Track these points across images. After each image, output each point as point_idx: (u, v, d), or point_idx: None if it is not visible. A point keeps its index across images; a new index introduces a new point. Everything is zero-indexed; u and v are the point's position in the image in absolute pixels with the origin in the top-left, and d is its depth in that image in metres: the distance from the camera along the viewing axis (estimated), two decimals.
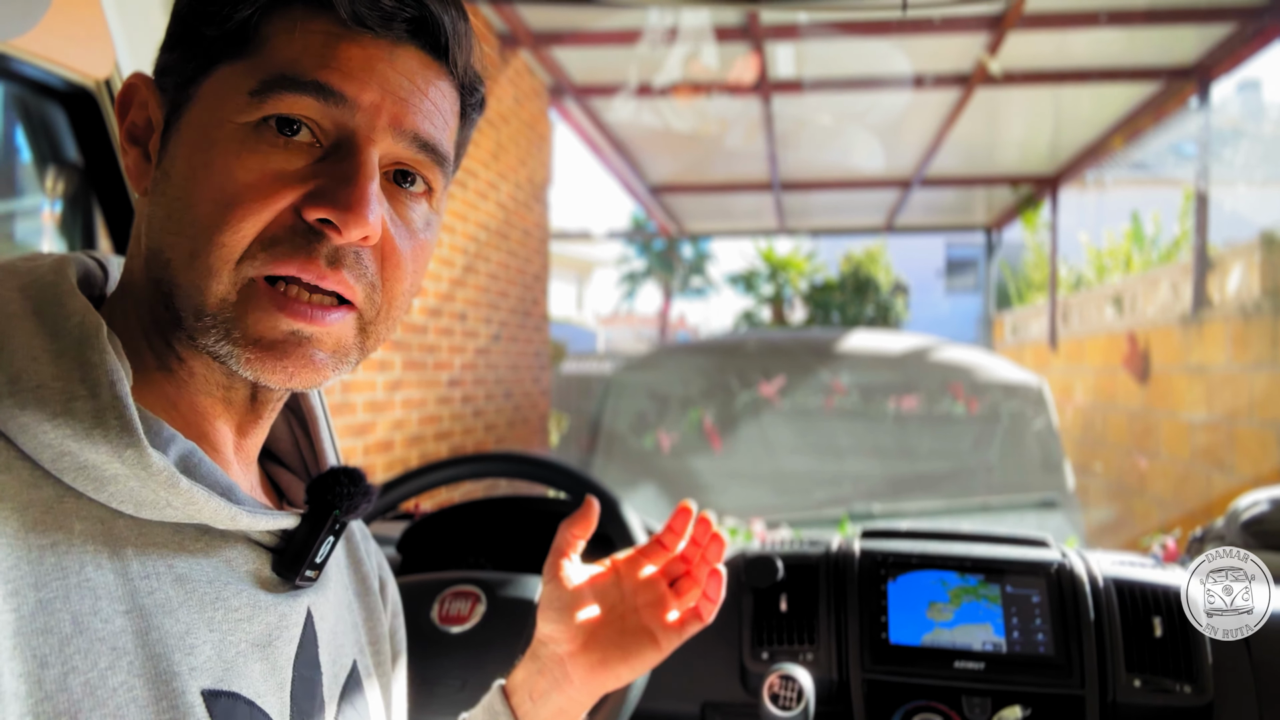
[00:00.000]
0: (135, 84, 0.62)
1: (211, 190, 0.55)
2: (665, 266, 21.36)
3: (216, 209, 0.55)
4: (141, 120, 0.62)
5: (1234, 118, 8.77)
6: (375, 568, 0.82)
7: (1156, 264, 8.39)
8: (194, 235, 0.55)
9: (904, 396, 3.97)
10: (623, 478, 4.02)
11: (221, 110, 0.56)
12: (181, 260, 0.56)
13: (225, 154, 0.55)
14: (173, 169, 0.58)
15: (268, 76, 0.56)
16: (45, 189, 1.65)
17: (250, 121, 0.56)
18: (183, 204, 0.56)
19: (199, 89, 0.58)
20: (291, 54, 0.56)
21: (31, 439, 0.50)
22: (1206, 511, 5.02)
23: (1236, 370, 5.06)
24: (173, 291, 0.57)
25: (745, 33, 5.03)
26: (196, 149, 0.57)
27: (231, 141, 0.56)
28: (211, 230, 0.55)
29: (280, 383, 0.58)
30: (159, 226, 0.58)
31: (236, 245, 0.55)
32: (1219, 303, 5.50)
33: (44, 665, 0.47)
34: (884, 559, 1.27)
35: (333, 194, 0.56)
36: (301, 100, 0.56)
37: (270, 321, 0.56)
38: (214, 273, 0.55)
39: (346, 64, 0.57)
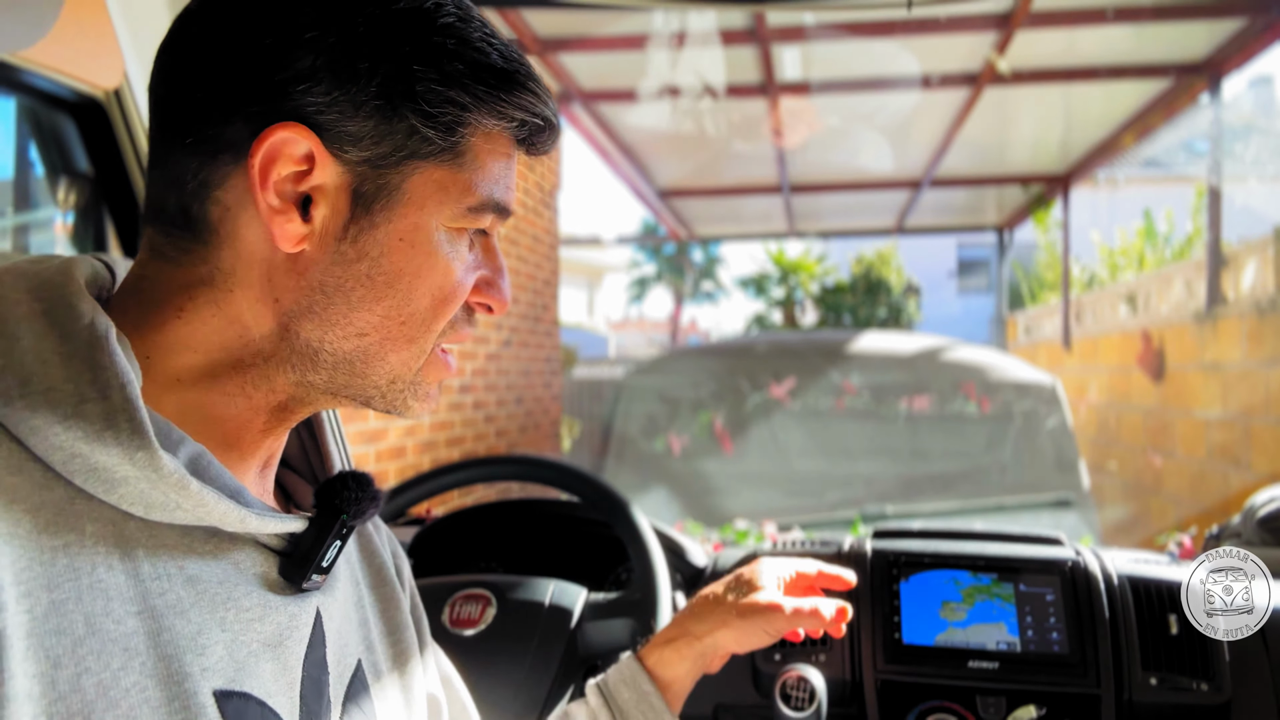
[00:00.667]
0: (295, 139, 0.57)
1: (432, 289, 0.62)
2: (676, 271, 21.36)
3: (434, 304, 0.63)
4: (291, 174, 0.58)
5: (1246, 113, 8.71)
6: (390, 555, 0.82)
7: (1170, 261, 8.34)
8: (413, 325, 0.63)
9: (916, 397, 3.96)
10: (634, 481, 4.02)
11: (440, 216, 0.62)
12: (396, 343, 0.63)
13: (444, 258, 0.62)
14: (383, 258, 0.60)
15: (482, 201, 0.63)
16: (57, 200, 1.66)
17: (456, 228, 0.63)
18: (404, 296, 0.62)
19: (407, 182, 0.60)
20: (492, 176, 0.64)
21: (43, 441, 0.51)
22: (1223, 509, 4.98)
23: (1252, 367, 5.02)
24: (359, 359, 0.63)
25: (752, 35, 5.03)
26: (418, 249, 0.61)
27: (447, 245, 0.63)
28: (430, 322, 0.63)
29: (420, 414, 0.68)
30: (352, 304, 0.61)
31: (441, 330, 0.65)
32: (1233, 299, 5.46)
33: (57, 666, 0.47)
34: (896, 558, 1.26)
35: (497, 288, 0.68)
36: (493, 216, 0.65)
37: (439, 377, 0.67)
38: (424, 353, 0.65)
39: (514, 182, 0.67)
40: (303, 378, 0.62)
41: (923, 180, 8.24)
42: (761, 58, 5.34)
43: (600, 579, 1.41)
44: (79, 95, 1.46)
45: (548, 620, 1.17)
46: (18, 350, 0.52)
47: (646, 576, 1.16)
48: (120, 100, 1.46)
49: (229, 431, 0.62)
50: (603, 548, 1.46)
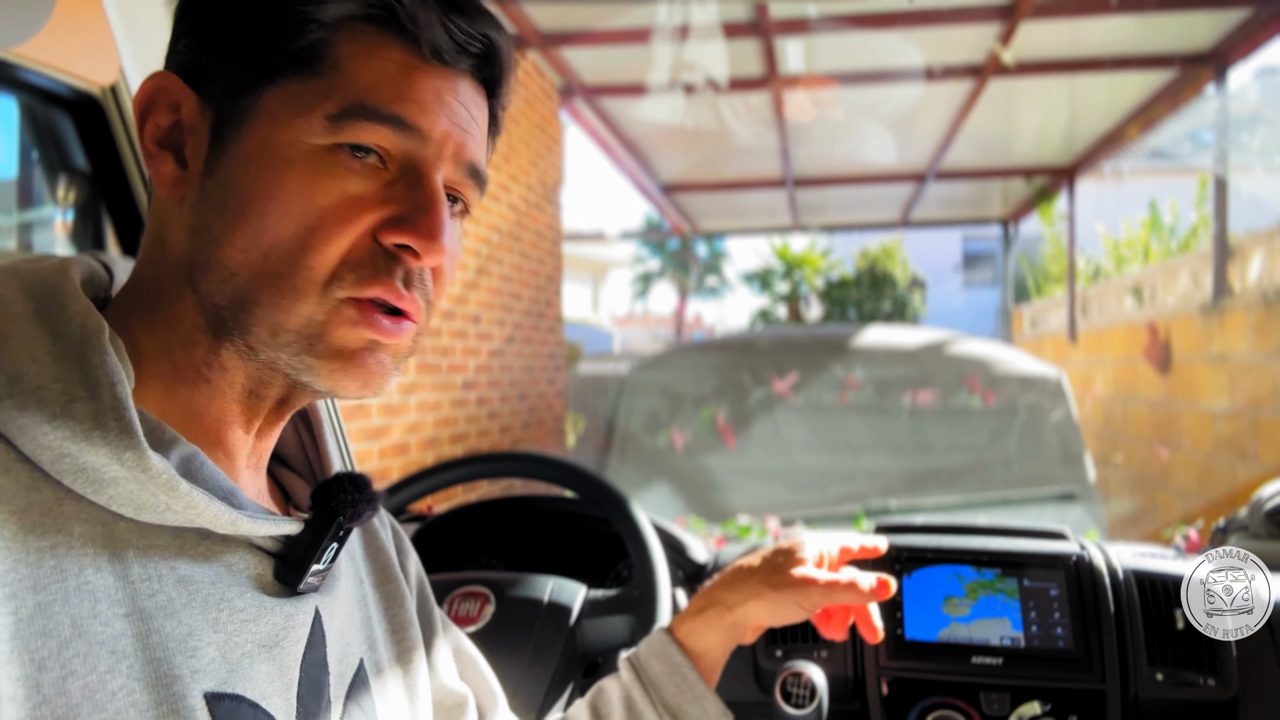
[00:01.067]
0: (164, 86, 0.60)
1: (291, 212, 0.56)
2: (680, 266, 21.35)
3: (300, 231, 0.56)
4: (167, 122, 0.60)
5: (1252, 103, 8.66)
6: (394, 550, 0.81)
7: (1175, 253, 8.30)
8: (276, 258, 0.56)
9: (920, 391, 3.94)
10: (637, 476, 4.02)
11: (292, 129, 0.57)
12: (262, 280, 0.57)
13: (302, 176, 0.57)
14: (234, 184, 0.58)
15: (348, 105, 0.57)
16: (56, 198, 1.65)
17: (324, 145, 0.57)
18: (257, 224, 0.57)
19: (258, 101, 0.58)
20: (368, 82, 0.58)
21: (31, 440, 0.50)
22: (1230, 502, 4.96)
23: (1259, 359, 4.99)
24: (239, 305, 0.57)
25: (754, 28, 5.01)
26: (266, 167, 0.57)
27: (307, 164, 0.57)
28: (297, 253, 0.56)
29: (354, 392, 0.60)
30: (215, 239, 0.58)
31: (323, 268, 0.57)
32: (1240, 291, 5.43)
33: (42, 669, 0.47)
34: (898, 554, 1.25)
35: (414, 221, 0.58)
36: (379, 130, 0.58)
37: (355, 334, 0.58)
38: (302, 294, 0.57)
39: (420, 96, 0.59)
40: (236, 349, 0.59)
41: (927, 173, 8.21)
42: (764, 50, 5.32)
43: (601, 576, 1.40)
44: (75, 92, 1.46)
45: (546, 617, 1.16)
46: (8, 348, 0.52)
47: (646, 573, 1.15)
48: (117, 97, 1.46)
49: (211, 429, 0.61)
50: (603, 544, 1.46)
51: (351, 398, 0.61)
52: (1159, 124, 6.60)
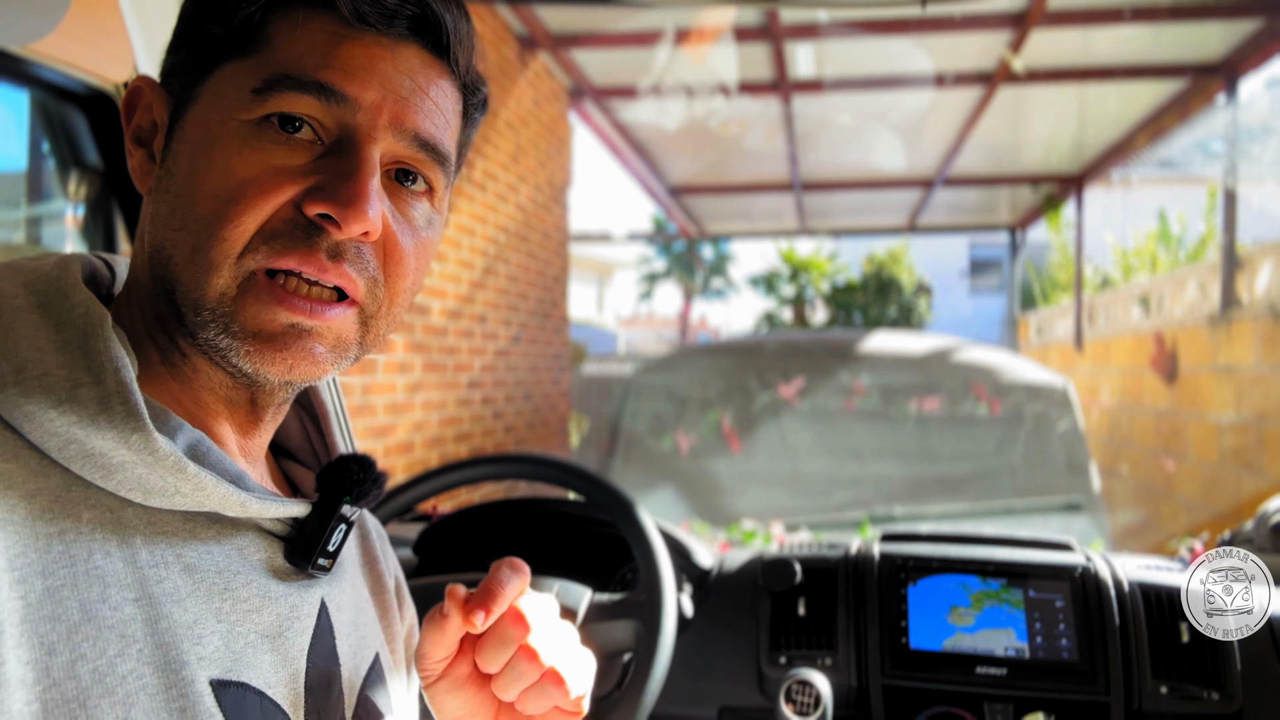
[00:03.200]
0: (140, 86, 0.63)
1: (213, 186, 0.56)
2: (685, 268, 21.34)
3: (218, 204, 0.55)
4: (146, 122, 0.63)
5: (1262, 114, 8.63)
6: (391, 569, 0.81)
7: (1183, 263, 8.28)
8: (195, 231, 0.56)
9: (926, 398, 3.93)
10: (641, 479, 4.01)
11: (223, 107, 0.57)
12: (183, 256, 0.57)
13: (227, 150, 0.56)
14: (175, 166, 0.59)
15: (270, 75, 0.57)
16: (68, 193, 1.66)
17: (252, 119, 0.56)
18: (185, 200, 0.57)
19: (203, 88, 0.59)
20: (294, 53, 0.57)
21: (38, 427, 0.50)
22: (1235, 514, 4.94)
23: (1266, 371, 4.98)
24: (174, 287, 0.57)
25: (765, 33, 5.01)
26: (199, 146, 0.57)
27: (234, 138, 0.56)
28: (213, 225, 0.55)
29: (279, 375, 0.58)
30: (162, 223, 0.58)
31: (237, 240, 0.55)
32: (1248, 302, 5.41)
33: (52, 653, 0.47)
34: (904, 562, 1.25)
35: (333, 189, 0.56)
36: (303, 99, 0.57)
37: (269, 315, 0.56)
38: (215, 267, 0.56)
39: (348, 63, 0.58)
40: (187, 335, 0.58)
41: (935, 179, 8.20)
42: (775, 55, 5.32)
43: (605, 579, 1.40)
44: (89, 88, 1.46)
45: None
46: (12, 338, 0.52)
47: (652, 578, 1.15)
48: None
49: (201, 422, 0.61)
50: (608, 547, 1.45)
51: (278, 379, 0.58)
52: (1168, 133, 6.58)
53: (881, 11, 4.39)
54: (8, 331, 0.53)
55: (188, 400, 0.61)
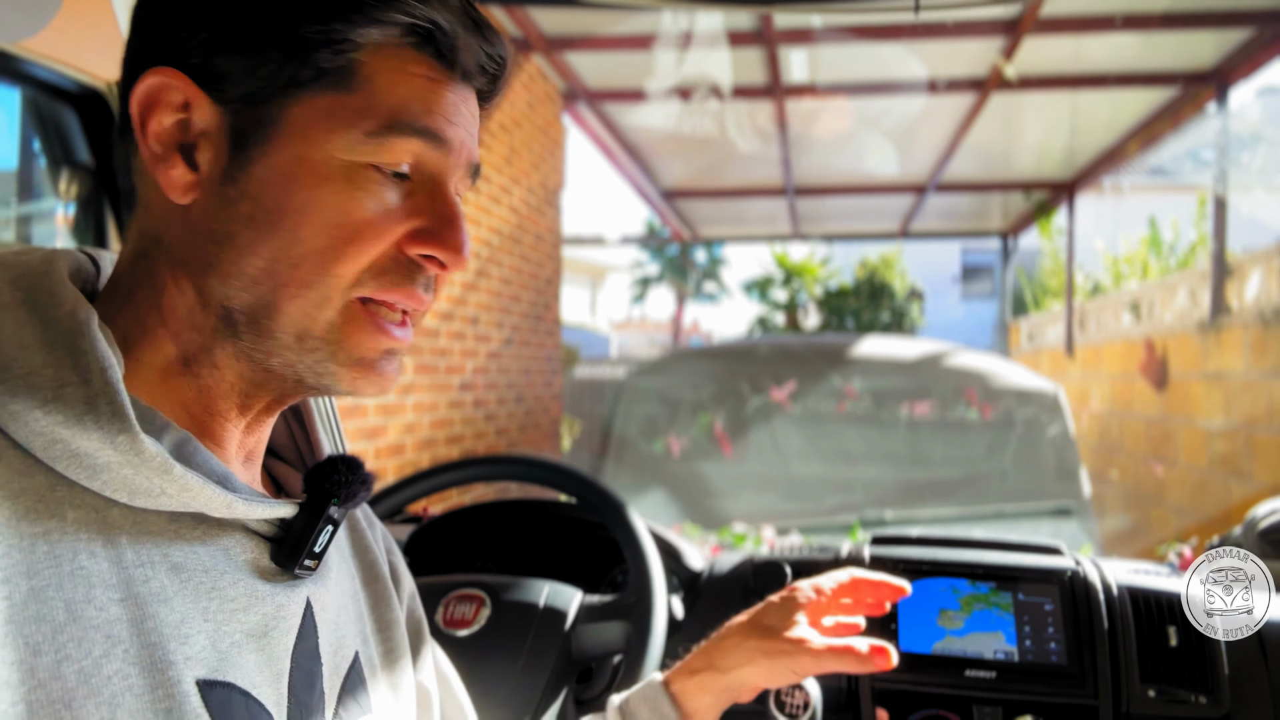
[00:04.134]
0: (169, 84, 0.57)
1: (325, 225, 0.57)
2: (678, 272, 21.36)
3: (331, 243, 0.58)
4: (173, 122, 0.58)
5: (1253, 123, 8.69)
6: (384, 553, 0.81)
7: (1174, 270, 8.32)
8: (308, 267, 0.58)
9: (917, 402, 3.95)
10: (633, 482, 4.02)
11: (329, 146, 0.57)
12: (291, 289, 0.58)
13: (338, 192, 0.58)
14: (264, 196, 0.57)
15: (387, 122, 0.58)
16: (58, 191, 1.65)
17: (362, 162, 0.58)
18: (289, 236, 0.57)
19: (286, 114, 0.57)
20: (400, 98, 0.59)
21: (22, 427, 0.50)
22: (1224, 520, 4.97)
23: (1255, 377, 5.01)
24: (260, 311, 0.58)
25: (759, 37, 5.02)
26: (302, 184, 0.57)
27: (343, 180, 0.58)
28: (328, 263, 0.58)
29: (373, 394, 0.62)
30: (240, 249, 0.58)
31: (350, 275, 0.59)
32: (1237, 309, 5.45)
33: (37, 653, 0.47)
34: (894, 565, 1.25)
35: (440, 235, 0.61)
36: (412, 143, 0.59)
37: (372, 342, 0.60)
38: (328, 301, 0.58)
39: (446, 110, 0.61)
40: (236, 349, 0.59)
41: (928, 185, 8.23)
42: (768, 59, 5.34)
43: (596, 580, 1.40)
44: (81, 86, 1.46)
45: (542, 622, 1.16)
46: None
47: (642, 580, 1.15)
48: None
49: (200, 420, 0.61)
50: (599, 549, 1.45)
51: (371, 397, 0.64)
52: (1160, 141, 6.62)
53: (875, 17, 4.41)
54: None
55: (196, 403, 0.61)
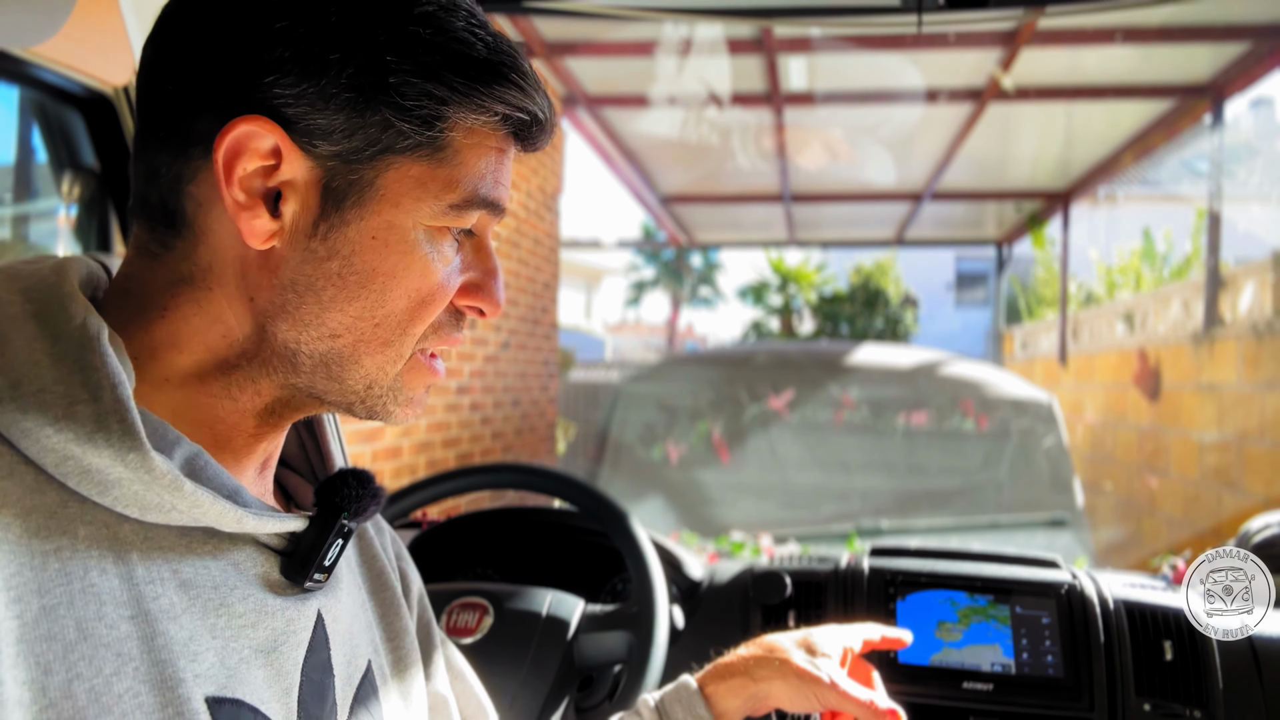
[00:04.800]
0: (260, 132, 0.56)
1: (409, 290, 0.60)
2: (674, 276, 21.37)
3: (411, 306, 0.61)
4: (258, 169, 0.57)
5: (1247, 136, 8.74)
6: (393, 560, 0.81)
7: (1168, 281, 8.36)
8: (388, 327, 0.61)
9: (914, 412, 3.96)
10: (630, 489, 4.02)
11: (418, 214, 0.60)
12: (369, 345, 0.61)
13: (422, 259, 0.60)
14: (355, 257, 0.59)
15: (469, 197, 0.61)
16: (61, 193, 1.66)
17: (439, 228, 0.61)
18: (376, 298, 0.60)
19: (381, 178, 0.58)
20: (479, 172, 0.61)
21: (34, 444, 0.50)
22: (1216, 532, 4.99)
23: (1248, 389, 5.03)
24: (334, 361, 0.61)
25: (758, 45, 5.04)
26: (393, 249, 0.59)
27: (425, 246, 0.61)
28: (407, 324, 0.61)
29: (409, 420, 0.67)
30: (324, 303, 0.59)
31: (420, 333, 0.63)
32: (1231, 321, 5.48)
33: (48, 672, 0.47)
34: (893, 577, 1.26)
35: (487, 290, 0.66)
36: (481, 214, 0.64)
37: (423, 383, 0.66)
38: (401, 357, 0.63)
39: (507, 178, 0.65)
40: (285, 380, 0.61)
41: (924, 193, 8.26)
42: (767, 68, 5.36)
43: (596, 588, 1.41)
44: (88, 91, 1.47)
45: (545, 631, 1.17)
46: (9, 352, 0.52)
47: (645, 590, 1.16)
48: (129, 97, 1.46)
49: (219, 433, 0.61)
50: (598, 557, 1.46)
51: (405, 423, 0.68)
52: (1154, 153, 6.66)
53: (876, 30, 4.43)
54: (4, 344, 0.52)
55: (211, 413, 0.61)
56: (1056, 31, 4.75)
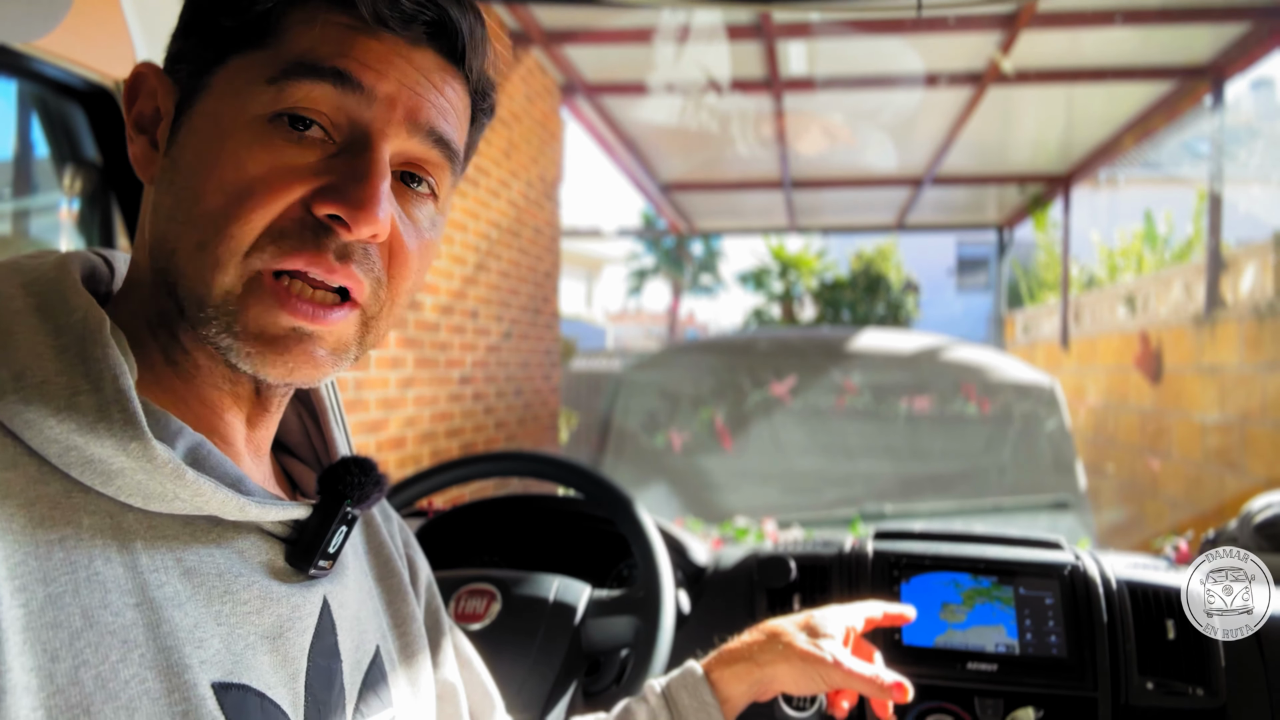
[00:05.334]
0: (144, 73, 0.63)
1: (221, 181, 0.56)
2: (675, 264, 21.34)
3: (226, 200, 0.55)
4: (149, 109, 0.62)
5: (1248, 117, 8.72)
6: (400, 547, 0.82)
7: (1169, 264, 8.35)
8: (203, 226, 0.56)
9: (916, 397, 3.97)
10: (634, 476, 4.02)
11: (237, 100, 0.57)
12: (188, 250, 0.57)
13: (237, 146, 0.56)
14: (181, 158, 0.58)
15: (287, 63, 0.57)
16: (63, 187, 1.66)
17: (264, 115, 0.57)
18: (191, 194, 0.57)
19: (213, 78, 0.59)
20: (311, 43, 0.57)
21: (37, 434, 0.51)
22: (1219, 513, 5.00)
23: (1249, 371, 5.03)
24: (177, 281, 0.57)
25: (758, 31, 5.02)
26: (209, 139, 0.57)
27: (245, 133, 0.56)
28: (221, 222, 0.55)
29: (280, 377, 0.59)
30: (165, 215, 0.59)
31: (245, 237, 0.56)
32: (1232, 303, 5.47)
33: (55, 659, 0.47)
34: (897, 560, 1.27)
35: (344, 190, 0.56)
36: (319, 87, 0.57)
37: (271, 317, 0.57)
38: (221, 265, 0.56)
39: (365, 55, 0.58)
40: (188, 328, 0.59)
41: (924, 178, 8.24)
42: (767, 53, 5.34)
43: (601, 574, 1.42)
44: (89, 84, 1.47)
45: (552, 616, 1.17)
46: (11, 344, 0.53)
47: (650, 575, 1.17)
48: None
49: (203, 417, 0.62)
50: (604, 543, 1.47)
51: (278, 381, 0.60)
52: (1156, 135, 6.64)
53: (876, 13, 4.41)
54: (7, 337, 0.53)
55: (193, 398, 0.61)
56: (1056, 14, 4.73)
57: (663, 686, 0.91)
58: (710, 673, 0.90)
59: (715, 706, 0.88)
